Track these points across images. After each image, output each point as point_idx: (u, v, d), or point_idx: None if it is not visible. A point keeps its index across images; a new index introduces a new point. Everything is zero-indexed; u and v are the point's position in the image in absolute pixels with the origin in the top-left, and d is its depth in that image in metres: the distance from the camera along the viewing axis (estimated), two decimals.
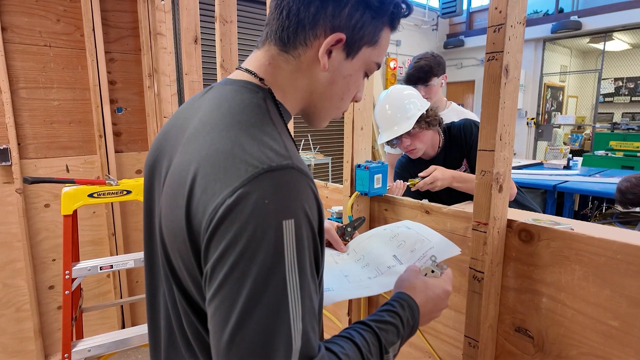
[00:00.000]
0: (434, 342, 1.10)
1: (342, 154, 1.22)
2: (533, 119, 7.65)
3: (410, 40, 7.37)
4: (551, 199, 3.47)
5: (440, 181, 1.42)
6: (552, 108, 8.32)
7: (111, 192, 1.74)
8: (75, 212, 1.73)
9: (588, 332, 0.79)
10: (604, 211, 3.74)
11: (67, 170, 2.34)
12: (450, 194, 1.56)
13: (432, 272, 0.72)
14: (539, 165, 4.44)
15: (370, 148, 1.26)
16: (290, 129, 0.72)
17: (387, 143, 1.58)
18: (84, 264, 1.74)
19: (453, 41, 7.92)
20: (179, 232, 0.51)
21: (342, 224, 0.96)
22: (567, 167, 4.13)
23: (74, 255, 1.77)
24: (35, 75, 2.18)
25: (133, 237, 2.60)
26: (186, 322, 0.57)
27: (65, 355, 1.64)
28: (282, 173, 0.47)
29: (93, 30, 2.27)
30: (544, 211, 3.45)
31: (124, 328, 2.59)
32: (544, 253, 0.83)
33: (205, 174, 0.49)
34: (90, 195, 1.71)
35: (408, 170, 1.69)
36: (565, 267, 0.80)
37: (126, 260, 1.81)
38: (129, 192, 1.78)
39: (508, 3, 0.75)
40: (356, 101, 0.69)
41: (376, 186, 1.19)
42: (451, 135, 1.61)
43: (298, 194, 0.48)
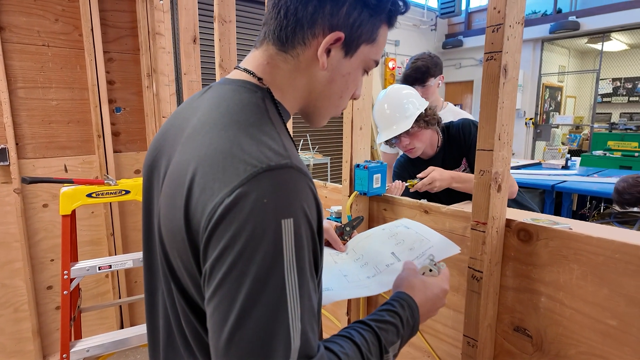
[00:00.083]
0: (433, 342, 1.10)
1: (341, 153, 1.22)
2: (531, 119, 7.67)
3: (408, 41, 7.38)
4: (549, 198, 3.48)
5: (438, 182, 1.42)
6: (551, 108, 8.33)
7: (110, 192, 1.74)
8: (73, 212, 1.72)
9: (586, 331, 0.79)
10: (602, 211, 3.75)
11: (66, 170, 2.33)
12: (449, 194, 1.57)
13: (430, 271, 0.72)
14: (537, 165, 4.45)
15: (370, 148, 1.26)
16: (289, 128, 0.72)
17: (386, 142, 1.58)
18: (82, 264, 1.73)
19: (452, 41, 7.93)
20: (177, 231, 0.51)
21: (340, 223, 0.96)
22: (565, 167, 4.14)
23: (72, 255, 1.77)
24: (34, 75, 2.17)
25: (132, 237, 2.59)
26: (185, 322, 0.57)
27: (64, 355, 1.63)
28: (281, 172, 0.47)
29: (92, 30, 2.26)
30: (543, 211, 3.46)
31: (122, 328, 2.58)
32: (542, 252, 0.83)
33: (203, 174, 0.48)
34: (89, 195, 1.70)
35: (407, 170, 1.69)
36: (563, 267, 0.80)
37: (125, 260, 1.81)
38: (127, 192, 1.78)
39: (507, 3, 0.75)
40: (355, 99, 0.69)
41: (375, 186, 1.19)
42: (450, 135, 1.62)
43: (297, 193, 0.47)
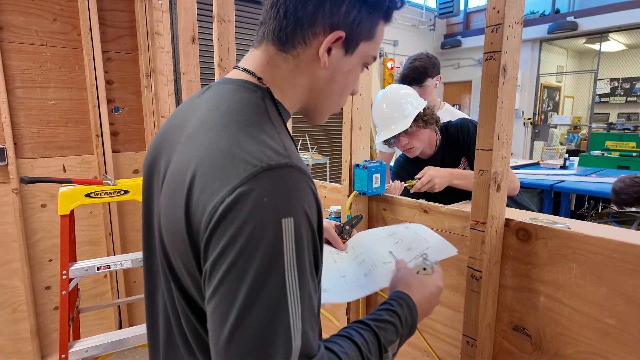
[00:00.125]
0: (433, 341, 1.11)
1: (340, 153, 1.22)
2: (530, 119, 7.69)
3: (407, 41, 7.39)
4: (548, 198, 3.49)
5: (437, 178, 1.41)
6: (549, 108, 8.36)
7: (108, 192, 1.73)
8: (72, 212, 1.72)
9: (585, 330, 0.79)
10: (600, 211, 3.76)
11: (64, 170, 2.32)
12: (448, 194, 1.57)
13: (424, 269, 0.73)
14: (536, 165, 4.46)
15: (369, 148, 1.26)
16: (288, 128, 0.73)
17: (384, 142, 1.59)
18: (81, 264, 1.73)
19: (450, 41, 7.94)
20: (178, 231, 0.51)
21: (340, 222, 0.97)
22: (563, 167, 4.16)
23: (71, 255, 1.76)
24: (32, 74, 2.17)
25: (130, 237, 2.59)
26: (185, 322, 0.57)
27: (63, 355, 1.63)
28: (282, 172, 0.47)
29: (90, 29, 2.26)
30: (541, 211, 3.47)
31: (121, 328, 2.58)
32: (541, 252, 0.84)
33: (204, 173, 0.48)
34: (88, 195, 1.70)
35: (406, 169, 1.69)
36: (562, 266, 0.81)
37: (124, 261, 1.80)
38: (126, 192, 1.77)
39: (506, 3, 0.75)
40: (353, 94, 0.69)
41: (374, 186, 1.19)
42: (448, 134, 1.62)
43: (297, 192, 0.48)
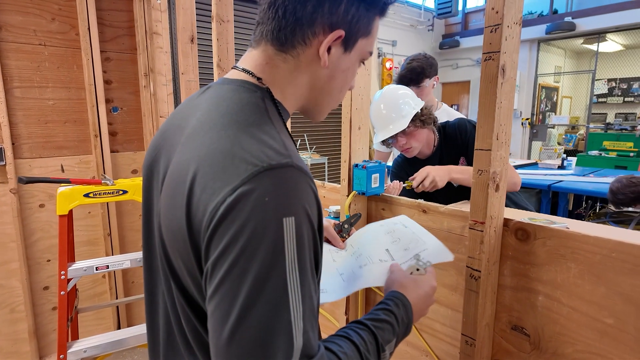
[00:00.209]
0: (431, 341, 1.11)
1: (339, 153, 1.22)
2: (528, 119, 7.71)
3: (406, 41, 7.40)
4: (546, 198, 3.50)
5: (433, 172, 1.41)
6: (547, 108, 8.38)
7: (107, 192, 1.73)
8: (70, 212, 1.71)
9: (583, 329, 0.79)
10: (597, 211, 3.77)
11: (62, 170, 2.32)
12: (447, 194, 1.57)
13: (417, 270, 0.73)
14: (534, 165, 4.47)
15: (368, 148, 1.27)
16: (288, 128, 0.73)
17: (382, 143, 1.59)
18: (79, 264, 1.72)
19: (448, 42, 7.96)
20: (178, 231, 0.51)
21: (339, 221, 0.97)
22: (561, 167, 4.17)
23: (69, 255, 1.76)
24: (30, 74, 2.16)
25: (129, 237, 2.59)
26: (185, 322, 0.57)
27: (61, 356, 1.62)
28: (282, 171, 0.47)
29: (88, 29, 2.25)
30: (539, 211, 3.48)
31: (119, 329, 2.57)
32: (540, 251, 0.84)
33: (204, 173, 0.49)
34: (86, 195, 1.70)
35: (404, 169, 1.70)
36: (561, 266, 0.81)
37: (122, 261, 1.80)
38: (125, 192, 1.77)
39: (505, 4, 0.76)
40: (350, 89, 0.70)
41: (373, 186, 1.19)
42: (446, 134, 1.62)
43: (298, 192, 0.48)
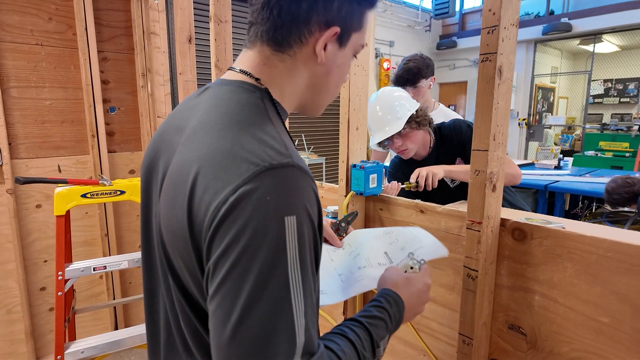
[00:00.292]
0: (429, 340, 1.11)
1: (336, 154, 1.23)
2: (524, 119, 7.74)
3: (403, 41, 7.42)
4: (542, 198, 3.51)
5: (427, 168, 1.43)
6: (543, 109, 8.42)
7: (105, 192, 1.73)
8: (68, 212, 1.71)
9: (579, 328, 0.80)
10: (593, 210, 3.80)
11: (59, 171, 2.31)
12: (444, 194, 1.58)
13: (412, 268, 0.74)
14: (531, 165, 4.49)
15: (366, 148, 1.27)
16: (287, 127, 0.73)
17: (378, 144, 1.60)
18: (77, 265, 1.72)
19: (446, 42, 7.98)
20: (179, 231, 0.51)
21: (336, 220, 0.98)
22: (557, 167, 4.19)
23: (66, 256, 1.75)
24: (27, 74, 2.15)
25: (126, 238, 2.58)
26: (184, 322, 0.57)
27: (58, 357, 1.62)
28: (283, 171, 0.48)
29: (86, 29, 2.25)
30: (536, 211, 3.49)
31: (117, 329, 2.57)
32: (536, 251, 0.85)
33: (206, 173, 0.49)
34: (84, 196, 1.69)
35: (401, 170, 1.70)
36: (557, 265, 0.82)
37: (120, 261, 1.80)
38: (122, 192, 1.77)
39: (502, 5, 0.76)
40: (343, 82, 0.71)
41: (371, 186, 1.19)
42: (442, 135, 1.63)
43: (299, 191, 0.48)
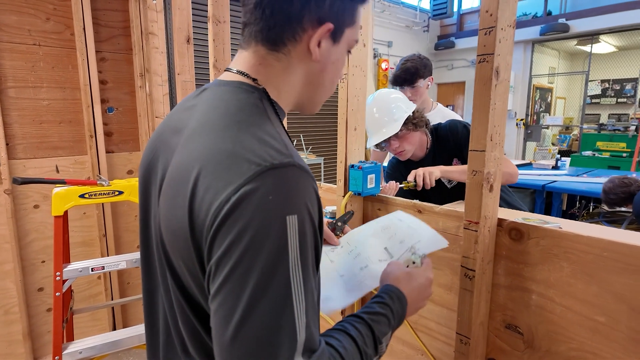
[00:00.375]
0: (427, 340, 1.12)
1: (334, 154, 1.23)
2: (522, 119, 7.76)
3: (401, 42, 7.43)
4: (540, 198, 3.52)
5: (423, 169, 1.44)
6: (541, 109, 8.44)
7: (103, 192, 1.73)
8: (66, 212, 1.71)
9: (576, 327, 0.81)
10: (591, 210, 3.81)
11: (57, 171, 2.31)
12: (441, 194, 1.59)
13: (413, 263, 0.74)
14: (528, 165, 4.50)
15: (364, 149, 1.27)
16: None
17: (376, 146, 1.61)
18: (75, 265, 1.72)
19: (444, 42, 7.99)
20: (180, 231, 0.51)
21: (333, 220, 0.98)
22: (555, 168, 4.20)
23: (64, 256, 1.75)
24: (24, 74, 2.15)
25: (124, 238, 2.58)
26: (183, 323, 0.57)
27: (56, 357, 1.62)
28: (285, 170, 0.48)
29: (84, 29, 2.24)
30: (533, 211, 3.51)
31: (115, 330, 2.56)
32: (533, 251, 0.85)
33: (207, 173, 0.49)
34: (82, 196, 1.69)
35: (399, 171, 1.71)
36: (554, 265, 0.82)
37: (118, 262, 1.79)
38: (121, 192, 1.77)
39: (499, 6, 0.77)
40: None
41: (369, 186, 1.20)
42: (438, 136, 1.64)
43: (300, 190, 0.49)
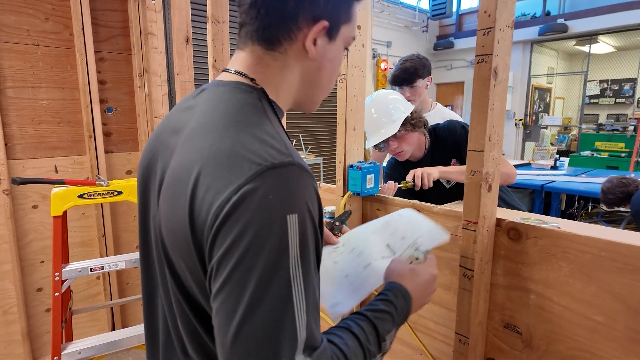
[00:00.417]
0: (425, 339, 1.12)
1: (333, 154, 1.23)
2: (521, 120, 7.77)
3: (400, 42, 7.43)
4: (539, 198, 3.53)
5: (422, 169, 1.44)
6: (540, 109, 8.46)
7: (102, 192, 1.72)
8: (65, 213, 1.71)
9: (574, 327, 0.81)
10: (589, 210, 3.82)
11: (56, 171, 2.30)
12: (440, 195, 1.59)
13: (417, 259, 0.74)
14: (527, 165, 4.51)
15: (363, 149, 1.28)
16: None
17: (374, 147, 1.62)
18: (74, 265, 1.72)
19: (443, 43, 8.00)
20: (180, 231, 0.51)
21: (331, 219, 0.98)
22: (554, 168, 4.21)
23: (63, 256, 1.75)
24: (23, 74, 2.15)
25: (123, 239, 2.57)
26: (183, 323, 0.57)
27: (55, 357, 1.62)
28: (285, 170, 0.48)
29: (82, 29, 2.24)
30: (532, 211, 3.51)
31: (114, 330, 2.56)
32: (532, 251, 0.85)
33: (207, 173, 0.49)
34: (81, 196, 1.69)
35: (398, 171, 1.71)
36: (552, 265, 0.82)
37: (117, 262, 1.79)
38: (120, 192, 1.76)
39: (497, 7, 0.77)
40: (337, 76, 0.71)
41: (368, 186, 1.20)
42: (437, 137, 1.65)
43: (300, 189, 0.49)
